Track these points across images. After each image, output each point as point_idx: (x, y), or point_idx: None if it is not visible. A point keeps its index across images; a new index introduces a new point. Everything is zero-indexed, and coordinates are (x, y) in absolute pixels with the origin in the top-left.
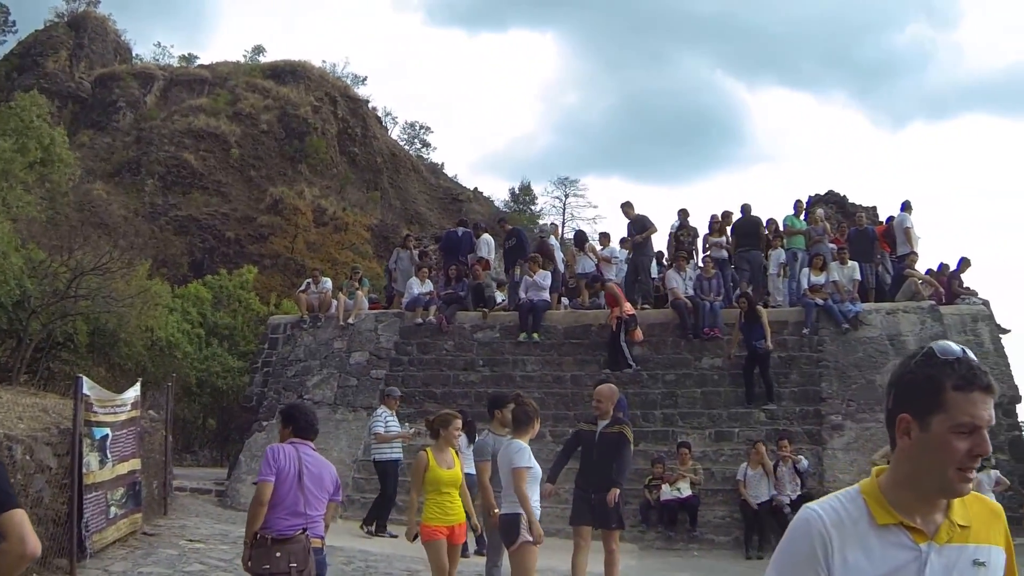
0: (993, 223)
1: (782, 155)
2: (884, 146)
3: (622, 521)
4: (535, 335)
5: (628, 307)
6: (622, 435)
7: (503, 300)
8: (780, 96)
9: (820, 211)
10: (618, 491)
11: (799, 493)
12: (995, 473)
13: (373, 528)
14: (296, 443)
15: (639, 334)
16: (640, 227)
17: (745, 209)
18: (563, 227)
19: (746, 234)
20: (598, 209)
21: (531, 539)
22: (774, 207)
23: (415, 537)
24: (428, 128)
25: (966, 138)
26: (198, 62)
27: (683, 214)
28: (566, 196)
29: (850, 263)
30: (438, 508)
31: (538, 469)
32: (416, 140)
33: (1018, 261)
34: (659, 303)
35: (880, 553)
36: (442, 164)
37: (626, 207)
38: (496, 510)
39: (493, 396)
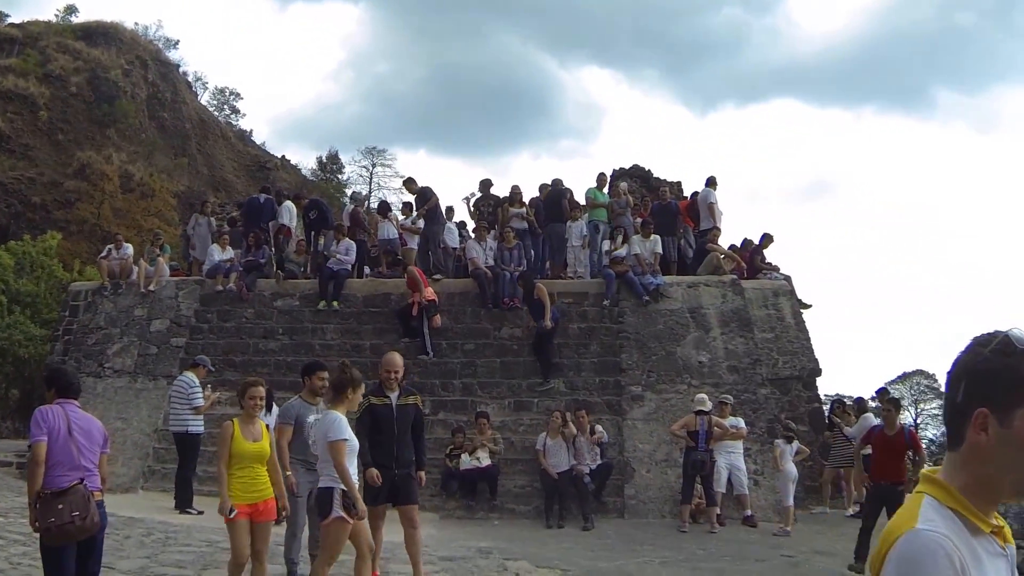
0: (797, 203)
1: (591, 131)
2: (694, 126)
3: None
4: (335, 303)
5: (429, 292)
6: (419, 407)
7: (304, 269)
8: (592, 73)
9: (624, 184)
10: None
11: (599, 463)
12: (796, 444)
13: (176, 505)
14: (62, 403)
15: (438, 320)
16: (423, 200)
17: (554, 183)
18: (370, 197)
19: (551, 206)
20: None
21: (343, 514)
22: (582, 181)
23: (231, 511)
24: (238, 94)
25: (775, 122)
26: (9, 20)
27: (485, 184)
28: (373, 166)
29: (652, 236)
30: (240, 484)
31: (355, 441)
32: (225, 106)
33: (820, 239)
34: (462, 273)
35: (988, 564)
36: (251, 131)
37: (408, 183)
38: (288, 472)
39: (307, 363)
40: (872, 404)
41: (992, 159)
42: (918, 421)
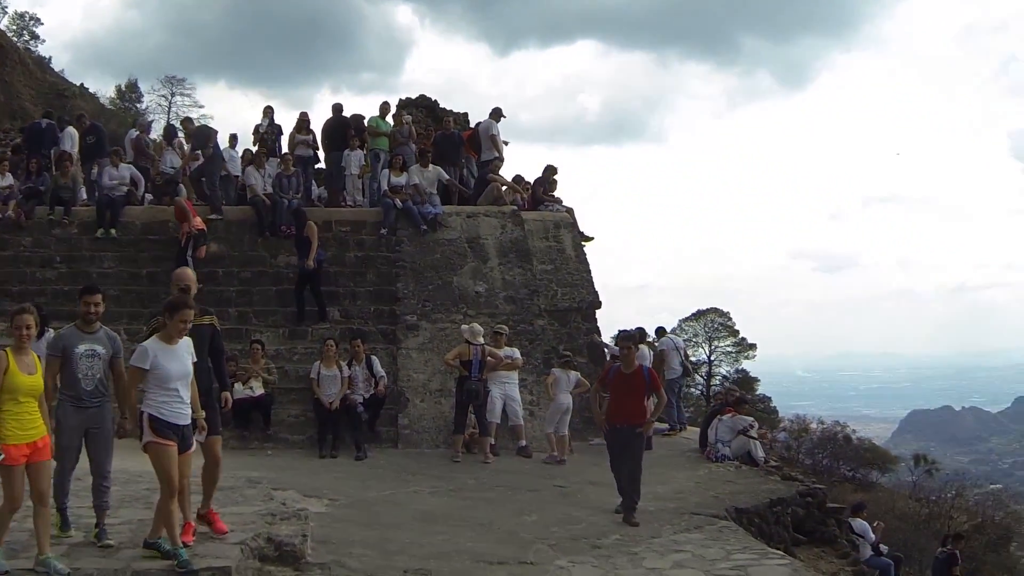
0: (599, 143)
1: (392, 65)
2: (495, 64)
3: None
4: (112, 231)
5: (198, 221)
6: (215, 327)
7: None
8: (396, 7)
9: (407, 115)
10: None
11: (372, 392)
12: (575, 375)
13: None
14: None
15: (203, 251)
16: (203, 139)
17: (336, 109)
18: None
19: (333, 134)
20: (204, 109)
21: (155, 439)
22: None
23: None
24: (38, 19)
25: (577, 62)
26: None
27: (268, 111)
28: (172, 95)
29: (432, 166)
30: (16, 422)
31: (168, 370)
32: (25, 32)
33: (620, 180)
34: (243, 201)
35: None
36: (49, 58)
37: (185, 123)
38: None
39: (81, 287)
40: (663, 338)
41: (795, 108)
42: (712, 358)
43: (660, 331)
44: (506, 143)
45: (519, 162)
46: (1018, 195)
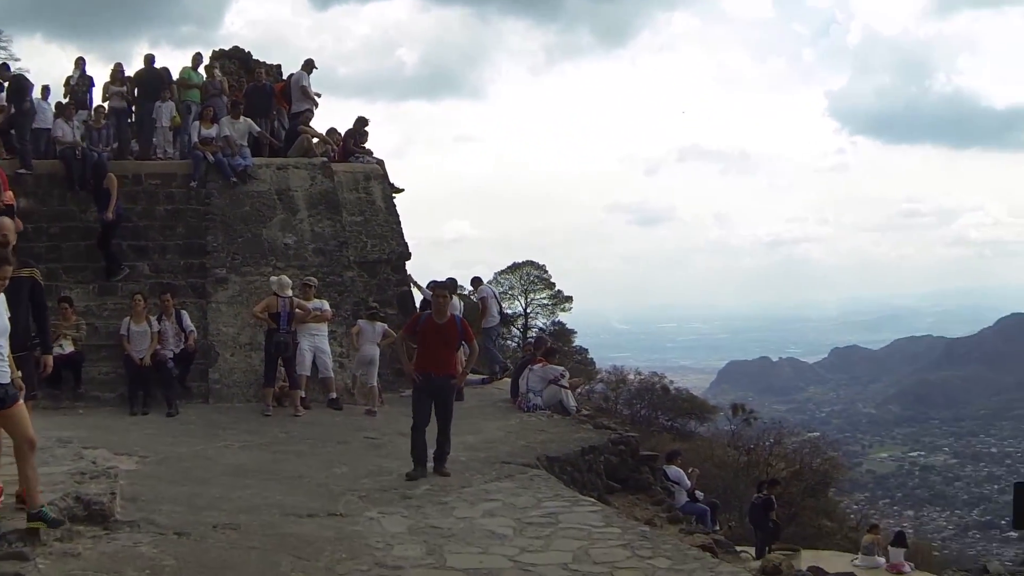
0: (417, 97)
1: (212, 18)
2: (313, 17)
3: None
4: None
5: (9, 196)
6: (36, 281)
7: None
8: None
9: (217, 68)
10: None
11: (182, 347)
12: (381, 326)
13: None
14: None
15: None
16: (18, 92)
17: (147, 60)
18: None
19: (147, 86)
20: (21, 63)
21: None
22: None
23: None
24: None
25: (394, 16)
26: None
27: (79, 62)
28: None
29: (243, 118)
30: None
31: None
32: None
33: (423, 129)
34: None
35: None
36: None
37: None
38: None
39: None
40: (481, 287)
41: (615, 66)
42: (528, 311)
43: (476, 281)
44: (318, 95)
45: (335, 116)
46: (834, 153)
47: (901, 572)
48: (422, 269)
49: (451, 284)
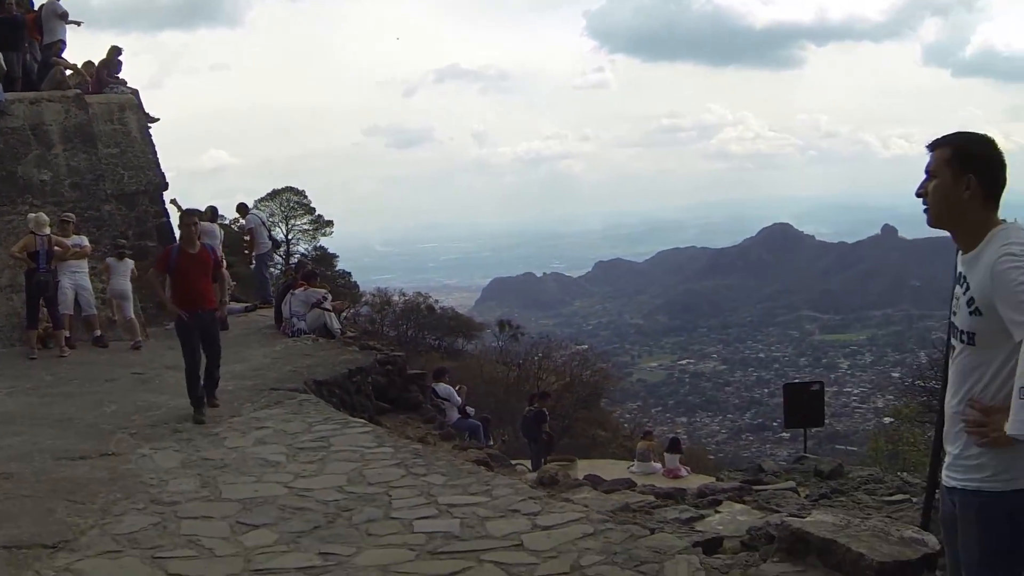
0: (162, 25)
1: None
2: None
3: None
4: None
5: None
6: None
7: None
8: None
9: None
10: None
11: None
12: (130, 263)
13: None
14: None
15: None
16: None
17: None
18: None
19: None
20: None
21: None
22: None
23: None
24: None
25: None
26: None
27: None
28: None
29: None
30: None
31: None
32: None
33: (179, 58)
34: None
35: None
36: None
37: None
38: None
39: None
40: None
41: None
42: (290, 237)
43: (243, 207)
44: (78, 23)
45: (89, 48)
46: (593, 71)
47: (677, 476)
48: (182, 200)
49: (208, 212)
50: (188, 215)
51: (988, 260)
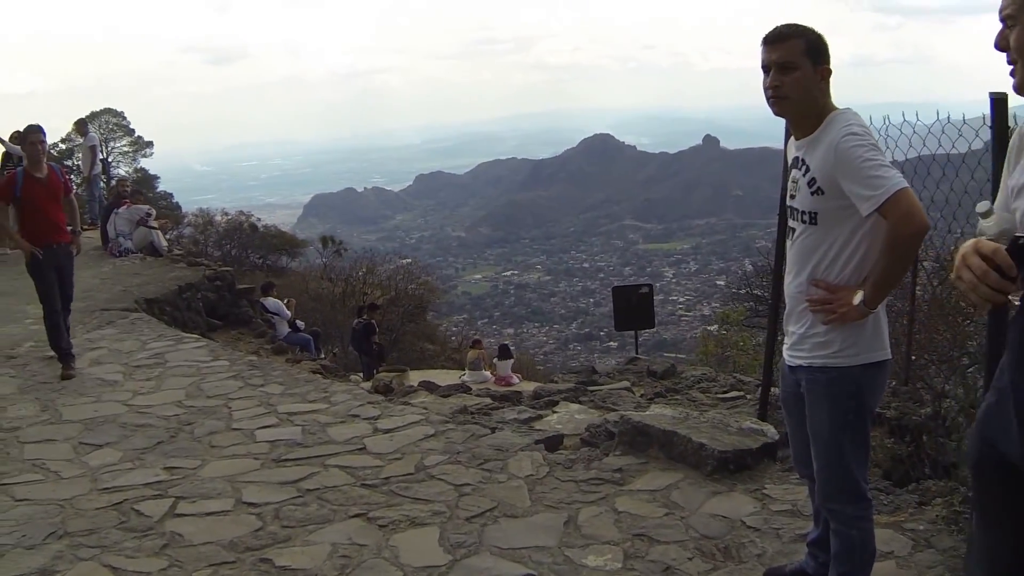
0: None
1: None
2: None
3: None
4: None
5: None
6: None
7: None
8: None
9: None
10: None
11: None
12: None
13: None
14: None
15: None
16: None
17: None
18: None
19: None
20: None
21: None
22: None
23: None
24: None
25: None
26: None
27: None
28: None
29: None
30: None
31: None
32: None
33: None
34: None
35: None
36: None
37: None
38: None
39: None
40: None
41: None
42: (110, 160)
43: (82, 124)
44: None
45: None
46: None
47: (509, 384)
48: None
49: (83, 122)
50: (32, 131)
51: (831, 141)
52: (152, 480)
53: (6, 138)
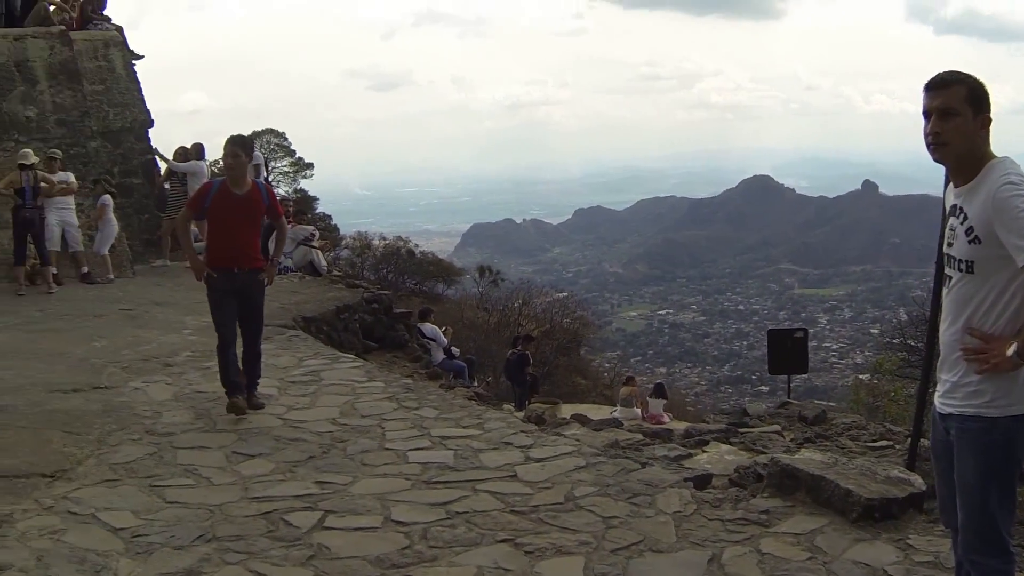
0: None
1: None
2: None
3: None
4: None
5: None
6: None
7: None
8: None
9: None
10: None
11: None
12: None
13: None
14: None
15: None
16: None
17: None
18: None
19: None
20: None
21: None
22: None
23: None
24: None
25: None
26: None
27: None
28: None
29: None
30: None
31: None
32: None
33: None
34: None
35: None
36: None
37: None
38: None
39: None
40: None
41: None
42: (270, 179)
43: (244, 142)
44: None
45: None
46: (572, 17)
47: (660, 422)
48: (162, 143)
49: (247, 140)
50: (233, 144)
51: (989, 190)
52: (302, 492)
53: (170, 155)
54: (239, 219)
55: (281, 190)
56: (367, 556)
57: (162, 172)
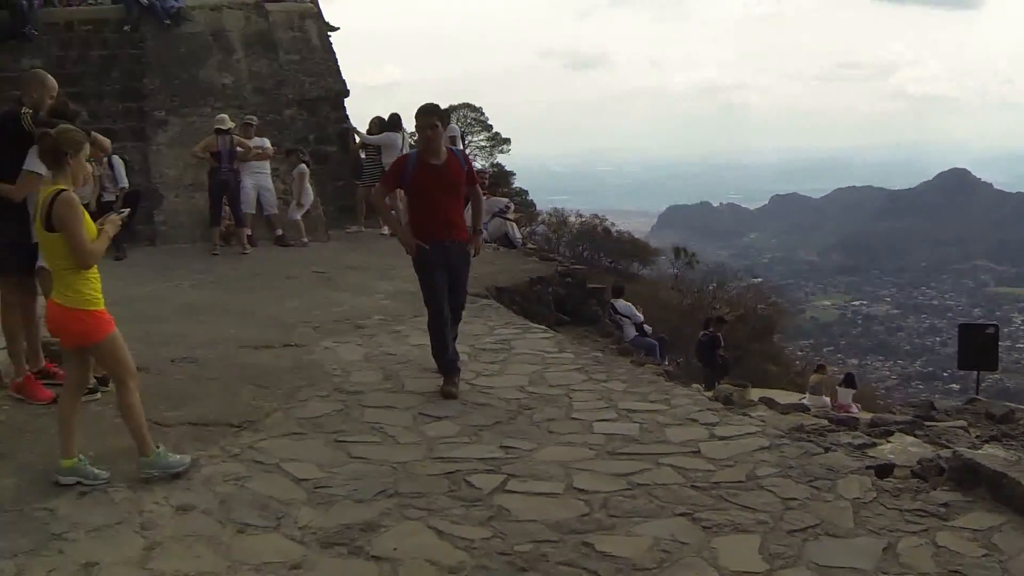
0: None
1: None
2: None
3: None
4: None
5: None
6: None
7: None
8: None
9: None
10: None
11: (125, 187)
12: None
13: None
14: None
15: None
16: None
17: None
18: None
19: None
20: None
21: None
22: None
23: None
24: None
25: None
26: None
27: None
28: None
29: None
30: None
31: None
32: None
33: None
34: None
35: None
36: None
37: None
38: None
39: None
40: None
41: None
42: (468, 152)
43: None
44: None
45: None
46: (770, 1)
47: (848, 412)
48: (357, 115)
49: (438, 109)
50: (427, 114)
51: None
52: (486, 456)
53: (364, 128)
54: (442, 189)
55: (478, 164)
56: (546, 520)
57: (357, 141)
